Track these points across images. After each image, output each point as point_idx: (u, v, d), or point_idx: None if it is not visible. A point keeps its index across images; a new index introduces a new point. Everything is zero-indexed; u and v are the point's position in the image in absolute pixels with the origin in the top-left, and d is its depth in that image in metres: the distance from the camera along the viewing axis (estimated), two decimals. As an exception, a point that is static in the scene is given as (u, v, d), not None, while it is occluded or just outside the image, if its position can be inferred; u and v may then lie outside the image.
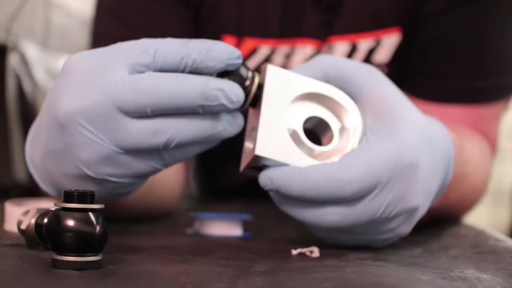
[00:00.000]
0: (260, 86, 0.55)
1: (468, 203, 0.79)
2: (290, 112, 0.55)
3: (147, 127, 0.50)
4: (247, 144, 0.56)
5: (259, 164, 0.54)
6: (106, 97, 0.49)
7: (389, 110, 0.56)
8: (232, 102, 0.51)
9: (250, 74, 0.54)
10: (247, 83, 0.54)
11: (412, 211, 0.56)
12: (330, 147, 0.55)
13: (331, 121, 0.57)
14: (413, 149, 0.55)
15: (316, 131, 0.57)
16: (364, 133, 0.55)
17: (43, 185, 0.57)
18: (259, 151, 0.53)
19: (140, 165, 0.52)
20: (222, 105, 0.51)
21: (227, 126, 0.53)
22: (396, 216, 0.55)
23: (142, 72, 0.50)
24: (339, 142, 0.56)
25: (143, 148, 0.51)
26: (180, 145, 0.51)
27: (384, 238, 0.57)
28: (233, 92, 0.51)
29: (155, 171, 0.53)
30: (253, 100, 0.55)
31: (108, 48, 0.52)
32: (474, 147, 0.78)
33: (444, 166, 0.60)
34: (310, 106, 0.57)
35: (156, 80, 0.49)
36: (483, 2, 0.82)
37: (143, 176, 0.54)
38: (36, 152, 0.56)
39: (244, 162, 0.55)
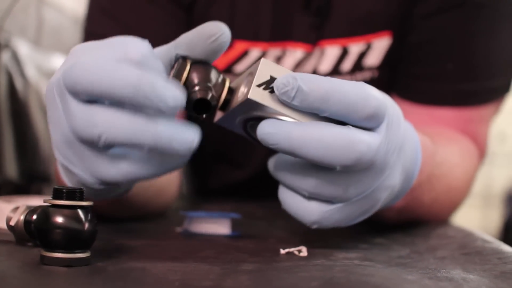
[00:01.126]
0: (231, 91, 0.54)
1: (447, 204, 0.79)
2: None
3: (85, 113, 0.47)
4: (240, 89, 0.54)
5: (246, 113, 0.53)
6: (60, 77, 0.49)
7: None
8: (165, 102, 0.46)
9: (220, 77, 0.54)
10: (216, 87, 0.53)
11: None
12: None
13: None
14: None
15: None
16: None
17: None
18: (253, 95, 0.51)
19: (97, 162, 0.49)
20: (152, 103, 0.46)
21: (174, 138, 0.47)
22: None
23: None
24: None
25: (83, 135, 0.47)
26: (116, 143, 0.47)
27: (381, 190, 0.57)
28: (170, 92, 0.46)
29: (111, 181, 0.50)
30: (223, 105, 0.54)
31: (109, 41, 0.51)
32: (453, 148, 0.78)
33: (411, 164, 0.60)
34: None
35: (97, 64, 0.47)
36: (471, 6, 0.82)
37: (107, 183, 0.50)
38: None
39: (231, 106, 0.53)
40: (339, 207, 0.55)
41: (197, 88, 0.52)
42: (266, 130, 0.51)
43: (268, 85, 0.51)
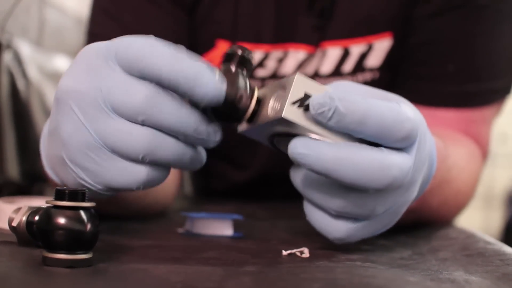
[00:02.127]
0: (259, 102, 0.52)
1: (454, 207, 0.79)
2: None
3: (131, 129, 0.49)
4: (270, 102, 0.52)
5: (276, 128, 0.52)
6: (100, 94, 0.49)
7: None
8: (215, 141, 0.51)
9: (248, 85, 0.52)
10: (245, 98, 0.51)
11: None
12: None
13: None
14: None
15: None
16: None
17: (46, 168, 0.56)
18: (287, 114, 0.50)
19: (116, 171, 0.50)
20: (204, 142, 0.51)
21: (194, 160, 0.52)
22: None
23: (135, 76, 0.49)
24: None
25: (124, 149, 0.49)
26: (158, 161, 0.50)
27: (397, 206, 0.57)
28: (217, 133, 0.51)
29: (127, 186, 0.51)
30: (251, 116, 0.52)
31: (112, 43, 0.51)
32: (461, 151, 0.78)
33: (427, 168, 0.60)
34: None
35: (155, 96, 0.49)
36: (472, 7, 0.82)
37: (115, 190, 0.52)
38: (43, 136, 0.56)
39: (260, 120, 0.52)
40: (364, 224, 0.55)
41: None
42: (298, 150, 0.51)
43: (302, 102, 0.50)
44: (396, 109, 0.51)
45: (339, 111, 0.49)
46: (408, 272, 0.51)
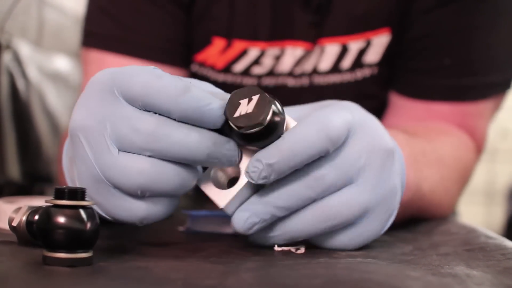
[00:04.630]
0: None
1: (444, 192, 0.79)
2: None
3: (134, 162, 0.49)
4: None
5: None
6: (105, 129, 0.50)
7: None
8: (231, 162, 0.52)
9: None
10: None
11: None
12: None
13: None
14: (390, 139, 0.56)
15: None
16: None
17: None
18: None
19: (117, 206, 0.51)
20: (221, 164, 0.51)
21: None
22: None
23: (140, 107, 0.50)
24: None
25: (121, 184, 0.50)
26: (158, 193, 0.51)
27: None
28: (233, 154, 0.52)
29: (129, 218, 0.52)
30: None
31: (116, 75, 0.51)
32: (445, 140, 0.79)
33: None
34: None
35: (161, 127, 0.49)
36: (469, 0, 0.82)
37: (119, 222, 0.53)
38: (65, 155, 0.57)
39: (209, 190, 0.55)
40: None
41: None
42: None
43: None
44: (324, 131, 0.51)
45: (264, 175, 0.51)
46: (409, 267, 0.51)
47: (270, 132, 0.51)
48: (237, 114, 0.50)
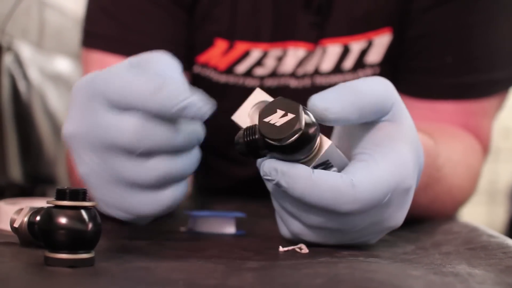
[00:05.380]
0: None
1: (450, 202, 0.79)
2: None
3: (142, 163, 0.49)
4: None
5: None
6: (95, 135, 0.50)
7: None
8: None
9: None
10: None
11: (391, 228, 0.57)
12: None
13: None
14: (410, 174, 0.54)
15: None
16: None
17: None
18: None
19: (138, 202, 0.51)
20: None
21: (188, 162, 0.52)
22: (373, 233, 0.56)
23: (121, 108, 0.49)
24: None
25: (140, 182, 0.50)
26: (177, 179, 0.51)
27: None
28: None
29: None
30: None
31: (95, 79, 0.51)
32: (456, 147, 0.78)
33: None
34: None
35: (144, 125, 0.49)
36: None
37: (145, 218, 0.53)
38: None
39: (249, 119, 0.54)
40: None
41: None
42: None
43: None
44: (341, 191, 0.51)
45: (280, 185, 0.51)
46: (411, 266, 0.51)
47: (306, 142, 0.50)
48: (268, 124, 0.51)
